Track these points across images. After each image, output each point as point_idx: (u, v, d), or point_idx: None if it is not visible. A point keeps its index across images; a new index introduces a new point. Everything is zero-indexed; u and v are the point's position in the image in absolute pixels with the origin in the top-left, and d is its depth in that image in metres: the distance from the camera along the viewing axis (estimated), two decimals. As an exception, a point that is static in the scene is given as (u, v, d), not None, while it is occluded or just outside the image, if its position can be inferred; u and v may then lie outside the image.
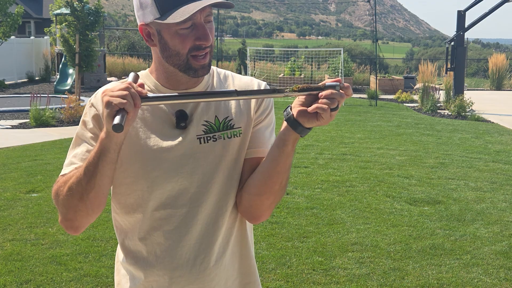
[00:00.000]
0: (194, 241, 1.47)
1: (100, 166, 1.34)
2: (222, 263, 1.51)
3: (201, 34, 1.38)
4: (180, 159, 1.45)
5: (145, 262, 1.49)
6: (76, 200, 1.38)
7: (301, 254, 4.51)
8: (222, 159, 1.47)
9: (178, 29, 1.38)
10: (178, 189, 1.45)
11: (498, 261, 4.43)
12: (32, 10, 38.01)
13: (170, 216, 1.46)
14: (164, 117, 1.46)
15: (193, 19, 1.37)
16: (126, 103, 1.25)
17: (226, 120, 1.49)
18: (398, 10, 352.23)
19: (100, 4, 15.26)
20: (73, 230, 1.45)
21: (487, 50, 56.03)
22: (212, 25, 1.43)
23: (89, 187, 1.36)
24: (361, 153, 8.64)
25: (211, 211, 1.48)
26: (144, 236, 1.48)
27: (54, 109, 11.83)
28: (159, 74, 1.48)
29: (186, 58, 1.40)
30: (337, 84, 1.31)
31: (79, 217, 1.41)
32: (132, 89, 1.28)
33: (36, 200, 5.88)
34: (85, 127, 1.46)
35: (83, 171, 1.36)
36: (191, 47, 1.39)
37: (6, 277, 4.03)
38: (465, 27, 15.62)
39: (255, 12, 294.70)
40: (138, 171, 1.45)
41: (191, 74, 1.43)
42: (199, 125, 1.46)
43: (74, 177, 1.38)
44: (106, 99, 1.27)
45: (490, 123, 12.76)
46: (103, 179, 1.36)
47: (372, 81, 20.45)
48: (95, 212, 1.42)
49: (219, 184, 1.48)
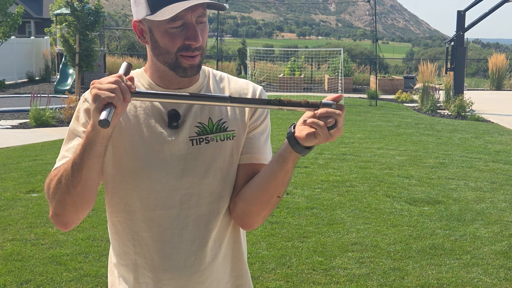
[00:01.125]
0: (185, 243, 1.45)
1: (86, 159, 1.31)
2: (213, 266, 1.49)
3: (190, 34, 1.37)
4: (171, 159, 1.43)
5: (135, 263, 1.48)
6: (64, 193, 1.36)
7: (301, 254, 4.51)
8: (214, 161, 1.46)
9: (168, 28, 1.37)
10: (168, 190, 1.44)
11: (498, 261, 4.43)
12: (32, 10, 38.01)
13: (159, 217, 1.44)
14: (157, 116, 1.45)
15: (184, 19, 1.37)
16: (115, 97, 1.22)
17: (220, 122, 1.48)
18: (398, 10, 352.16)
19: (100, 4, 15.25)
20: (63, 225, 1.43)
21: (487, 50, 56.00)
22: (205, 26, 1.42)
23: (76, 180, 1.33)
24: (361, 153, 8.64)
25: (203, 213, 1.46)
26: (134, 237, 1.47)
27: (54, 109, 11.83)
28: (152, 73, 1.48)
29: (175, 57, 1.39)
30: (332, 103, 1.28)
31: (67, 212, 1.39)
32: (122, 82, 1.25)
33: (36, 200, 5.88)
34: (78, 121, 1.45)
35: (71, 164, 1.33)
36: (180, 47, 1.38)
37: (6, 277, 4.03)
38: (465, 27, 15.62)
39: (255, 12, 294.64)
40: (127, 169, 1.43)
41: (180, 73, 1.42)
42: (193, 126, 1.45)
43: (63, 170, 1.36)
44: (94, 92, 1.24)
45: (490, 123, 12.76)
46: (90, 172, 1.33)
47: (372, 81, 20.45)
48: (84, 208, 1.40)
49: (211, 187, 1.46)
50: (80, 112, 1.46)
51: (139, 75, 1.50)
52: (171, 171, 1.43)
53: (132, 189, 1.44)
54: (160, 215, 1.44)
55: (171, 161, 1.43)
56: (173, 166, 1.43)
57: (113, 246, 1.54)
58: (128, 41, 31.24)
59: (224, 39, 49.91)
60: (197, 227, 1.46)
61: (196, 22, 1.39)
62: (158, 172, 1.43)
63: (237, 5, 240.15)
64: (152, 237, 1.45)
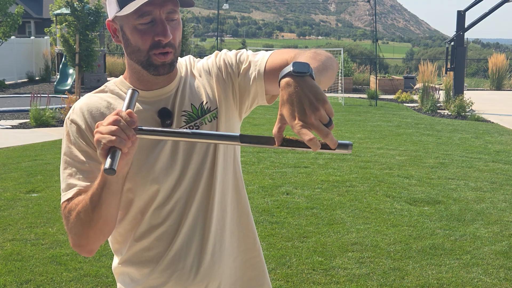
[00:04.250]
0: (196, 228, 1.48)
1: (104, 197, 1.31)
2: (221, 256, 1.52)
3: (159, 30, 1.37)
4: (171, 155, 1.45)
5: (147, 260, 1.49)
6: (85, 228, 1.36)
7: (301, 254, 4.51)
8: (209, 144, 1.47)
9: (137, 24, 1.37)
10: (176, 184, 1.45)
11: (498, 261, 4.43)
12: (32, 10, 38.01)
13: (168, 212, 1.46)
14: (148, 119, 1.44)
15: (153, 14, 1.36)
16: (116, 140, 1.18)
17: (202, 105, 1.49)
18: (398, 10, 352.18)
19: (100, 4, 15.27)
20: (87, 253, 1.44)
21: (487, 50, 56.03)
22: (177, 24, 1.41)
23: (96, 216, 1.33)
24: (361, 153, 8.64)
25: (210, 197, 1.49)
26: (144, 236, 1.48)
27: (54, 109, 11.82)
28: (131, 76, 1.48)
29: (147, 55, 1.39)
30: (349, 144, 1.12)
31: (91, 242, 1.40)
32: (122, 121, 1.21)
33: (36, 200, 5.88)
34: (71, 144, 1.43)
35: (89, 201, 1.33)
36: (151, 44, 1.38)
37: (6, 277, 4.03)
38: (465, 27, 15.61)
39: (255, 12, 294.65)
40: (135, 178, 1.44)
41: (152, 72, 1.42)
42: (179, 116, 1.46)
43: (81, 206, 1.35)
44: (96, 138, 1.21)
45: (490, 123, 12.76)
46: (109, 209, 1.34)
47: (372, 81, 20.45)
48: (107, 235, 1.42)
49: (212, 170, 1.48)
50: (70, 135, 1.44)
51: (119, 83, 1.50)
52: (175, 166, 1.45)
53: (142, 199, 1.45)
54: (169, 209, 1.46)
55: (172, 157, 1.45)
56: (176, 161, 1.45)
57: (119, 249, 1.55)
58: (128, 41, 31.20)
59: (224, 39, 49.90)
60: (205, 211, 1.49)
61: (167, 19, 1.38)
62: (164, 171, 1.44)
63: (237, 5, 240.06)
64: (158, 235, 1.47)
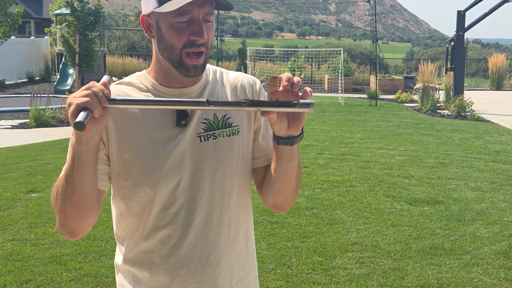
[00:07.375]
0: (200, 238, 1.47)
1: (77, 169, 1.33)
2: (228, 261, 1.53)
3: (196, 29, 1.38)
4: (182, 157, 1.45)
5: (149, 262, 1.49)
6: (62, 204, 1.38)
7: (301, 254, 4.51)
8: (223, 156, 1.48)
9: (174, 22, 1.38)
10: (181, 188, 1.45)
11: (498, 261, 4.43)
12: (32, 10, 38.01)
13: (173, 215, 1.46)
14: (164, 116, 1.45)
15: (191, 14, 1.38)
16: (88, 101, 1.23)
17: (225, 118, 1.50)
18: (398, 10, 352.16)
19: (100, 4, 15.27)
20: (69, 235, 1.45)
21: (487, 50, 56.01)
22: (211, 25, 1.43)
23: (71, 191, 1.35)
24: (361, 153, 8.64)
25: (215, 209, 1.48)
26: (148, 236, 1.48)
27: (54, 109, 11.83)
28: (157, 72, 1.48)
29: (180, 54, 1.40)
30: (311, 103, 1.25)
31: (69, 221, 1.41)
32: (95, 87, 1.26)
33: (36, 200, 5.88)
34: None
35: (64, 175, 1.36)
36: (185, 43, 1.39)
37: (6, 277, 4.03)
38: (465, 27, 15.62)
39: (255, 12, 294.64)
40: (140, 173, 1.44)
41: (182, 72, 1.42)
42: (199, 123, 1.46)
43: (59, 181, 1.39)
44: (68, 100, 1.26)
45: (490, 123, 12.76)
46: (82, 181, 1.35)
47: (372, 81, 20.45)
48: (83, 217, 1.41)
49: (222, 182, 1.48)
50: None
51: (141, 77, 1.51)
52: (183, 169, 1.45)
53: (147, 191, 1.45)
54: (174, 212, 1.46)
55: (182, 159, 1.45)
56: (185, 164, 1.45)
57: (124, 248, 1.54)
58: (128, 41, 31.26)
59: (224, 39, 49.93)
60: (210, 222, 1.48)
61: (203, 19, 1.40)
62: (171, 171, 1.44)
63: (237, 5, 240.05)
64: (167, 235, 1.47)
